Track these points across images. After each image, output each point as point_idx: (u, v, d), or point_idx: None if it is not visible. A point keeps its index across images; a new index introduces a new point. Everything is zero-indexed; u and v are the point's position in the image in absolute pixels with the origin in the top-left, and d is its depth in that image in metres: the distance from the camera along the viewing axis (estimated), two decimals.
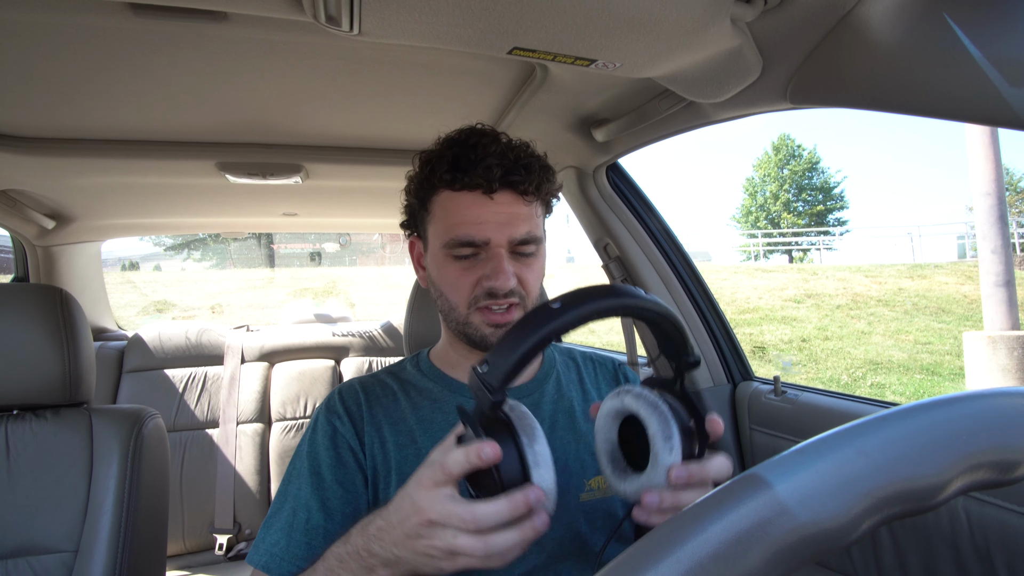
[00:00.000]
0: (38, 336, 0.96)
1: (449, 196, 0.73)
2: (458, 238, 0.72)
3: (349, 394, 0.79)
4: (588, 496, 0.76)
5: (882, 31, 0.57)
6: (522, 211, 0.73)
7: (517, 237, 0.72)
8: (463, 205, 0.72)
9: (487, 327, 0.74)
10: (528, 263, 0.75)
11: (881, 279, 11.68)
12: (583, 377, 0.87)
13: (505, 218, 0.72)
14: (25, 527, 0.91)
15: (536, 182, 0.74)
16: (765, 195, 28.54)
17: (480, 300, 0.73)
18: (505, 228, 0.72)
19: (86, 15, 0.72)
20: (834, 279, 11.75)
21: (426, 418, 0.76)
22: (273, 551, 0.68)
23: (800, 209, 27.93)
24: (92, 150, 1.21)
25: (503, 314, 0.74)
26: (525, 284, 0.75)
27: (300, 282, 14.21)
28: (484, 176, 0.70)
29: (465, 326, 0.75)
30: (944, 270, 12.24)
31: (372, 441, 0.75)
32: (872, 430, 0.25)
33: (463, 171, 0.71)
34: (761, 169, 28.97)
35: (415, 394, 0.79)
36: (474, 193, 0.72)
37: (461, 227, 0.72)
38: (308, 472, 0.72)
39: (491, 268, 0.72)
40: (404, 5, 0.57)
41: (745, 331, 8.87)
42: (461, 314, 0.75)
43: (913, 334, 8.61)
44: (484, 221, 0.71)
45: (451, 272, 0.74)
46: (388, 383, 0.81)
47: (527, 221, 0.74)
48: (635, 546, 0.23)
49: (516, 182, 0.72)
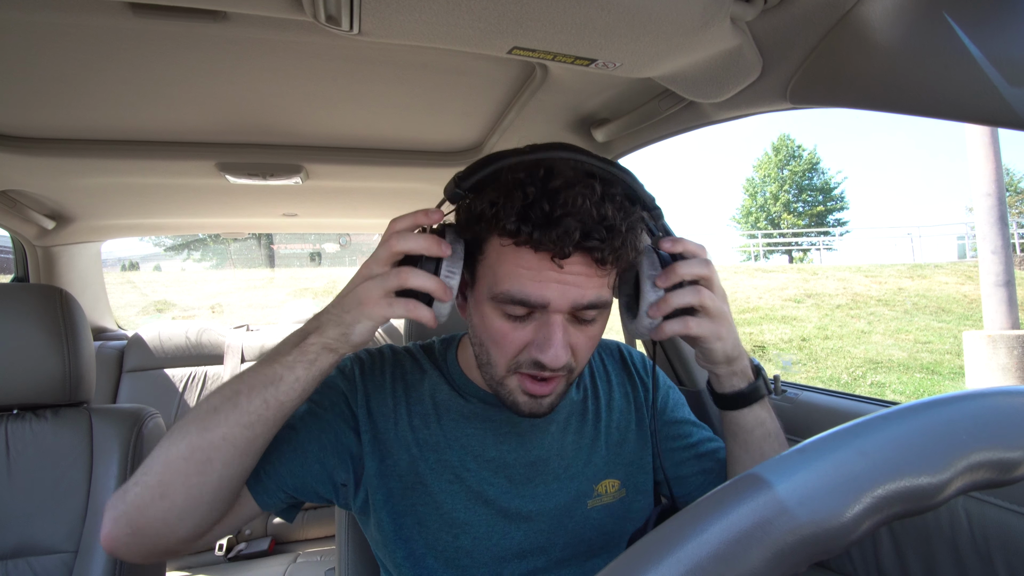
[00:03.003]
0: (38, 336, 0.96)
1: (510, 248, 0.60)
2: (510, 295, 0.60)
3: (375, 356, 0.78)
4: (595, 502, 0.75)
5: (882, 31, 0.57)
6: (593, 276, 0.60)
7: (582, 304, 0.60)
8: (524, 262, 0.59)
9: (522, 395, 0.65)
10: (586, 329, 0.64)
11: (881, 279, 11.68)
12: (595, 372, 0.85)
13: (572, 281, 0.59)
14: (25, 527, 0.91)
15: (618, 248, 0.60)
16: (765, 196, 28.57)
17: (523, 367, 0.63)
18: (570, 292, 0.59)
19: (86, 15, 0.72)
20: (834, 279, 11.75)
21: (443, 404, 0.75)
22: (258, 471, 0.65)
23: (800, 209, 27.95)
24: (92, 150, 1.21)
25: (543, 384, 0.64)
26: (578, 352, 0.63)
27: (300, 282, 14.20)
28: (558, 241, 0.56)
29: (499, 386, 0.66)
30: (944, 270, 12.24)
31: (382, 407, 0.73)
32: (872, 429, 0.25)
33: (534, 225, 0.57)
34: (761, 170, 28.99)
35: (438, 378, 0.77)
36: (540, 254, 0.58)
37: (516, 283, 0.59)
38: (306, 411, 0.70)
39: (543, 337, 0.60)
40: (404, 5, 0.57)
41: (745, 330, 8.87)
42: (499, 374, 0.65)
43: (913, 333, 8.61)
44: (546, 281, 0.59)
45: (496, 328, 0.63)
46: (420, 360, 0.79)
47: (596, 287, 0.61)
48: (635, 546, 0.23)
49: (594, 248, 0.58)
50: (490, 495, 0.71)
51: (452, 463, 0.72)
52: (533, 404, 0.65)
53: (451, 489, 0.71)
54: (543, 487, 0.73)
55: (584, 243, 0.57)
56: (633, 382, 0.85)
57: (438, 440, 0.72)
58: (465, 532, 0.70)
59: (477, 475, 0.71)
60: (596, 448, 0.77)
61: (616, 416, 0.81)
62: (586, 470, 0.76)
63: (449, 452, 0.72)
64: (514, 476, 0.73)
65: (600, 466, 0.77)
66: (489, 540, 0.70)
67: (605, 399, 0.81)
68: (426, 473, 0.71)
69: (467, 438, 0.73)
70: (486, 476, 0.72)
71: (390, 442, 0.71)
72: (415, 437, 0.72)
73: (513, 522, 0.71)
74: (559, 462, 0.75)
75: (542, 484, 0.73)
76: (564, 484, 0.74)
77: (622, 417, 0.81)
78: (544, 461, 0.74)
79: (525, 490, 0.73)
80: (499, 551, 0.70)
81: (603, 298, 0.62)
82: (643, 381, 0.85)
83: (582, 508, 0.74)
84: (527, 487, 0.73)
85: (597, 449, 0.77)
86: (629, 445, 0.80)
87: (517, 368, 0.64)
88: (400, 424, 0.72)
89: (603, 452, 0.78)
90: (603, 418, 0.80)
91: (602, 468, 0.77)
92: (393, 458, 0.71)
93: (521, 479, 0.73)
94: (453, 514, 0.70)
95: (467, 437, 0.73)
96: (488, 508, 0.71)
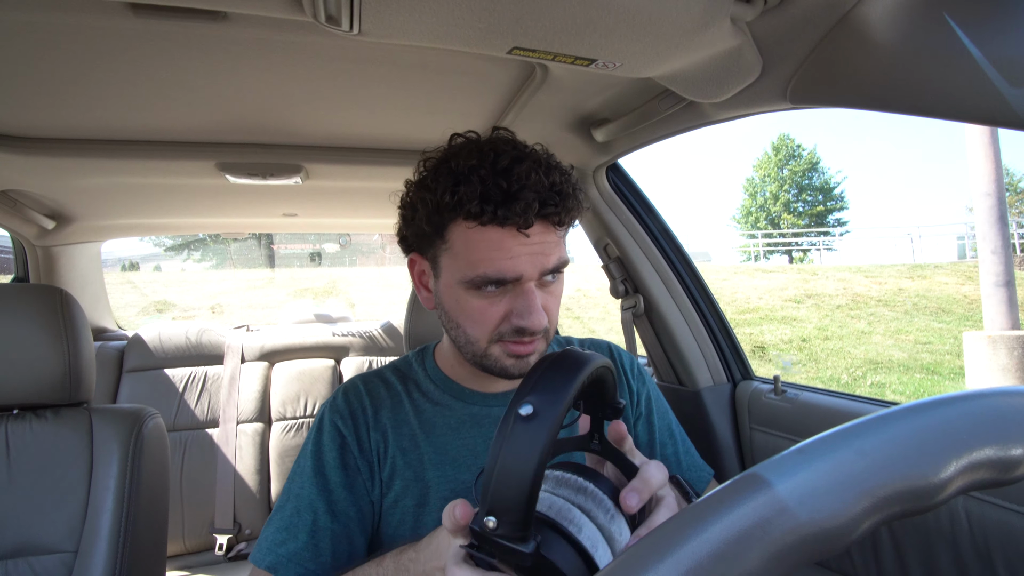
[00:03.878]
0: (38, 336, 0.96)
1: (476, 230, 0.64)
2: (487, 277, 0.64)
3: (353, 394, 0.78)
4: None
5: (882, 31, 0.57)
6: (554, 240, 0.66)
7: (549, 267, 0.66)
8: (493, 241, 0.63)
9: (508, 358, 0.69)
10: (552, 290, 0.69)
11: (881, 279, 11.69)
12: None
13: (538, 249, 0.64)
14: (25, 527, 0.91)
15: (572, 208, 0.66)
16: (765, 195, 28.55)
17: (506, 336, 0.67)
18: (538, 261, 0.65)
19: (86, 15, 0.72)
20: (834, 279, 11.75)
21: (428, 422, 0.76)
22: (279, 552, 0.68)
23: (800, 209, 27.94)
24: (92, 150, 1.21)
25: (527, 345, 0.68)
26: (549, 312, 0.69)
27: (300, 282, 14.21)
28: (522, 214, 0.61)
29: (484, 358, 0.70)
30: (944, 270, 12.24)
31: (376, 444, 0.74)
32: (872, 429, 0.25)
33: (496, 203, 0.61)
34: (761, 169, 28.97)
35: (419, 396, 0.78)
36: (506, 229, 0.63)
37: (490, 264, 0.63)
38: (312, 472, 0.72)
39: (522, 306, 0.65)
40: (404, 5, 0.57)
41: (745, 331, 8.87)
42: (480, 347, 0.69)
43: (913, 334, 8.61)
44: (516, 256, 0.63)
45: (473, 307, 0.67)
46: (392, 382, 0.80)
47: (557, 248, 0.67)
48: (635, 546, 0.23)
49: (551, 213, 0.64)
50: None
51: (449, 477, 0.73)
52: (521, 364, 0.69)
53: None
54: None
55: (543, 211, 0.63)
56: (620, 383, 0.87)
57: (430, 458, 0.73)
58: None
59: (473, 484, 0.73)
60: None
61: None
62: (577, 456, 0.77)
63: (443, 468, 0.73)
64: None
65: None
66: None
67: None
68: (427, 492, 0.72)
69: (456, 450, 0.74)
70: None
71: (388, 471, 0.73)
72: (405, 460, 0.73)
73: None
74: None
75: None
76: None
77: None
78: None
79: None
80: None
81: (563, 258, 0.68)
82: (629, 385, 0.87)
83: None
84: None
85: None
86: None
87: (500, 338, 0.67)
88: (390, 448, 0.74)
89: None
90: None
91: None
92: (396, 486, 0.72)
93: None
94: None
95: (456, 449, 0.74)
96: None
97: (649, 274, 1.34)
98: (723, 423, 1.27)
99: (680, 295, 1.34)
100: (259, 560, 0.68)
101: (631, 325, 1.42)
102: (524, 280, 0.65)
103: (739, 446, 1.27)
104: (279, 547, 0.68)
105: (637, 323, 1.40)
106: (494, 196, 0.61)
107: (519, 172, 0.62)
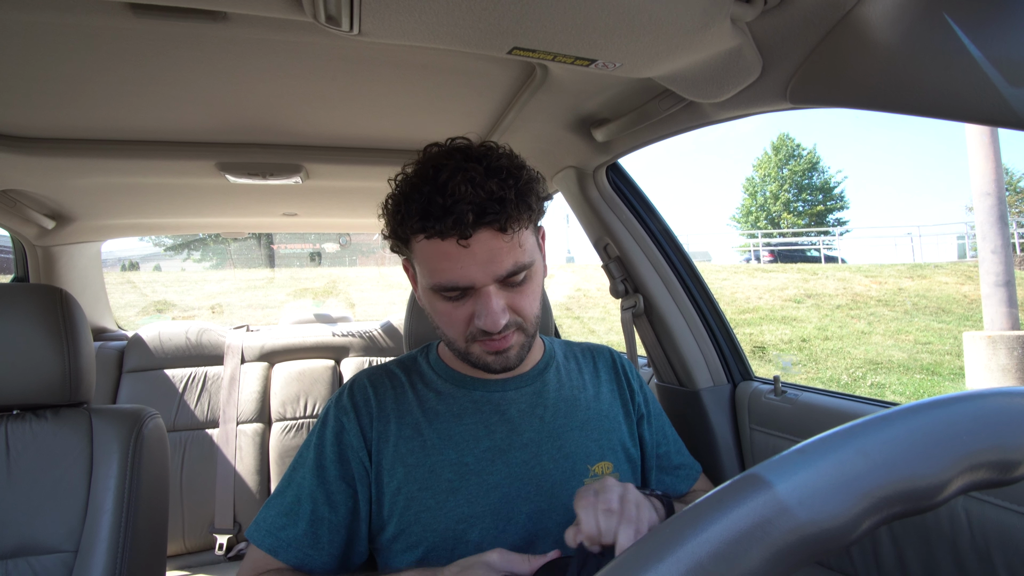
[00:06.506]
0: (38, 336, 0.96)
1: (425, 243, 0.68)
2: (442, 284, 0.68)
3: (359, 389, 0.81)
4: (591, 482, 0.77)
5: (882, 31, 0.57)
6: (502, 246, 0.67)
7: (502, 273, 0.68)
8: (440, 252, 0.67)
9: (488, 355, 0.73)
10: (521, 290, 0.71)
11: (881, 279, 11.68)
12: (582, 368, 0.90)
13: (486, 257, 0.67)
14: (25, 527, 0.91)
15: (514, 214, 0.67)
16: (765, 195, 28.55)
17: (476, 336, 0.71)
18: (487, 268, 0.67)
19: (86, 15, 0.72)
20: (834, 279, 11.75)
21: (431, 410, 0.79)
22: (279, 536, 0.71)
23: (800, 209, 27.93)
24: (92, 150, 1.21)
25: (500, 342, 0.72)
26: (521, 310, 0.72)
27: (300, 282, 14.20)
28: (456, 225, 0.64)
29: (466, 355, 0.74)
30: (944, 270, 12.23)
31: (379, 435, 0.77)
32: (872, 430, 0.25)
33: (434, 219, 0.65)
34: (761, 169, 28.96)
35: (422, 386, 0.82)
36: (447, 241, 0.66)
37: (442, 274, 0.68)
38: (314, 464, 0.75)
39: (480, 308, 0.69)
40: (404, 5, 0.57)
41: (745, 331, 8.87)
42: (460, 346, 0.74)
43: (913, 334, 8.60)
44: (465, 265, 0.67)
45: (442, 310, 0.72)
46: (397, 374, 0.83)
47: (510, 253, 0.68)
48: (636, 545, 0.23)
49: (491, 221, 0.65)
50: (491, 482, 0.74)
51: (451, 460, 0.75)
52: (500, 359, 0.73)
53: (452, 487, 0.74)
54: (538, 467, 0.77)
55: (482, 220, 0.65)
56: (620, 384, 0.91)
57: (433, 444, 0.76)
58: (472, 526, 0.73)
59: (476, 467, 0.75)
60: (587, 431, 0.82)
61: (605, 407, 0.86)
62: (579, 452, 0.80)
63: (446, 452, 0.76)
64: (511, 460, 0.76)
65: (594, 450, 0.81)
66: (495, 529, 0.73)
67: (593, 391, 0.87)
68: (429, 476, 0.74)
69: (459, 435, 0.77)
70: (484, 465, 0.75)
71: (391, 458, 0.76)
72: (409, 447, 0.76)
73: (514, 504, 0.74)
74: (552, 443, 0.79)
75: (537, 465, 0.77)
76: (559, 464, 0.78)
77: (611, 409, 0.86)
78: (536, 443, 0.78)
79: (522, 471, 0.76)
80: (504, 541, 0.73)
81: (521, 262, 0.69)
82: (630, 385, 0.91)
83: (577, 487, 0.76)
84: (523, 468, 0.76)
85: (589, 433, 0.82)
86: (617, 435, 0.84)
87: (472, 338, 0.72)
88: (392, 437, 0.77)
89: (595, 436, 0.82)
90: (592, 407, 0.85)
91: (595, 452, 0.81)
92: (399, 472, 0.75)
93: (518, 462, 0.76)
94: (458, 510, 0.73)
95: (459, 434, 0.77)
96: (490, 496, 0.74)
97: (649, 274, 1.34)
98: (723, 423, 1.27)
99: (680, 295, 1.34)
100: (259, 541, 0.71)
101: (631, 325, 1.42)
102: (478, 286, 0.68)
103: (739, 446, 1.27)
104: (280, 531, 0.71)
105: (637, 323, 1.40)
106: (433, 211, 0.65)
107: (452, 186, 0.64)
